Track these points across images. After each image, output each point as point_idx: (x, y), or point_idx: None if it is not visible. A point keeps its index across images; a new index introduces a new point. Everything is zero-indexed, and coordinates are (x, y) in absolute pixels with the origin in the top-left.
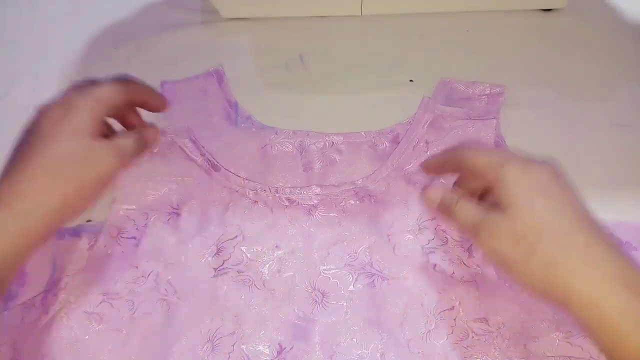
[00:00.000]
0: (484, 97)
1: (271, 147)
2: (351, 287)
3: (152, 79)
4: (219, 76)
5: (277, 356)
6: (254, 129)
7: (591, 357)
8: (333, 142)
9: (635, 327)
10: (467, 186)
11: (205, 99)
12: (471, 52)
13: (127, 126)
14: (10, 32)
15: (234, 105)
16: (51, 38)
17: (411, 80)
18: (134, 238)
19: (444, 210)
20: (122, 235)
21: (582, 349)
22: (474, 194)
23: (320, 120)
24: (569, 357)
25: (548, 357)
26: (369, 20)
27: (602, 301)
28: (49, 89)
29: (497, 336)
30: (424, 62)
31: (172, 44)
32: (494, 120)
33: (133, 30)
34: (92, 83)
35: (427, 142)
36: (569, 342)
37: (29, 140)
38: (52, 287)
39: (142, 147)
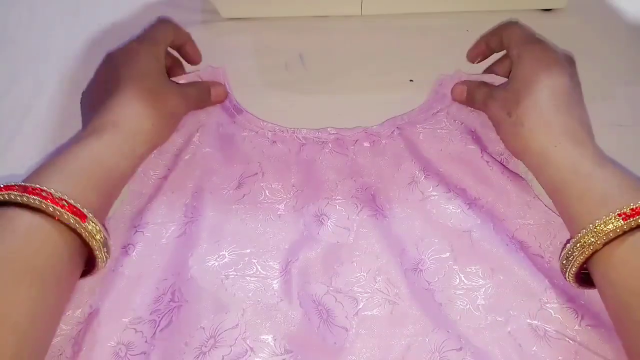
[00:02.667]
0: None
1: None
2: (355, 217)
3: None
4: (219, 76)
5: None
6: None
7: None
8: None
9: (572, 174)
10: (499, 69)
11: None
12: None
13: (187, 59)
14: (10, 32)
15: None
16: (51, 38)
17: (411, 80)
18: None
19: (470, 99)
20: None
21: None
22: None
23: (320, 120)
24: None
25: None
26: (369, 20)
27: (548, 153)
28: (49, 89)
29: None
30: (424, 62)
31: None
32: None
33: (133, 30)
34: (147, 30)
35: (447, 113)
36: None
37: (111, 78)
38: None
39: (205, 97)
